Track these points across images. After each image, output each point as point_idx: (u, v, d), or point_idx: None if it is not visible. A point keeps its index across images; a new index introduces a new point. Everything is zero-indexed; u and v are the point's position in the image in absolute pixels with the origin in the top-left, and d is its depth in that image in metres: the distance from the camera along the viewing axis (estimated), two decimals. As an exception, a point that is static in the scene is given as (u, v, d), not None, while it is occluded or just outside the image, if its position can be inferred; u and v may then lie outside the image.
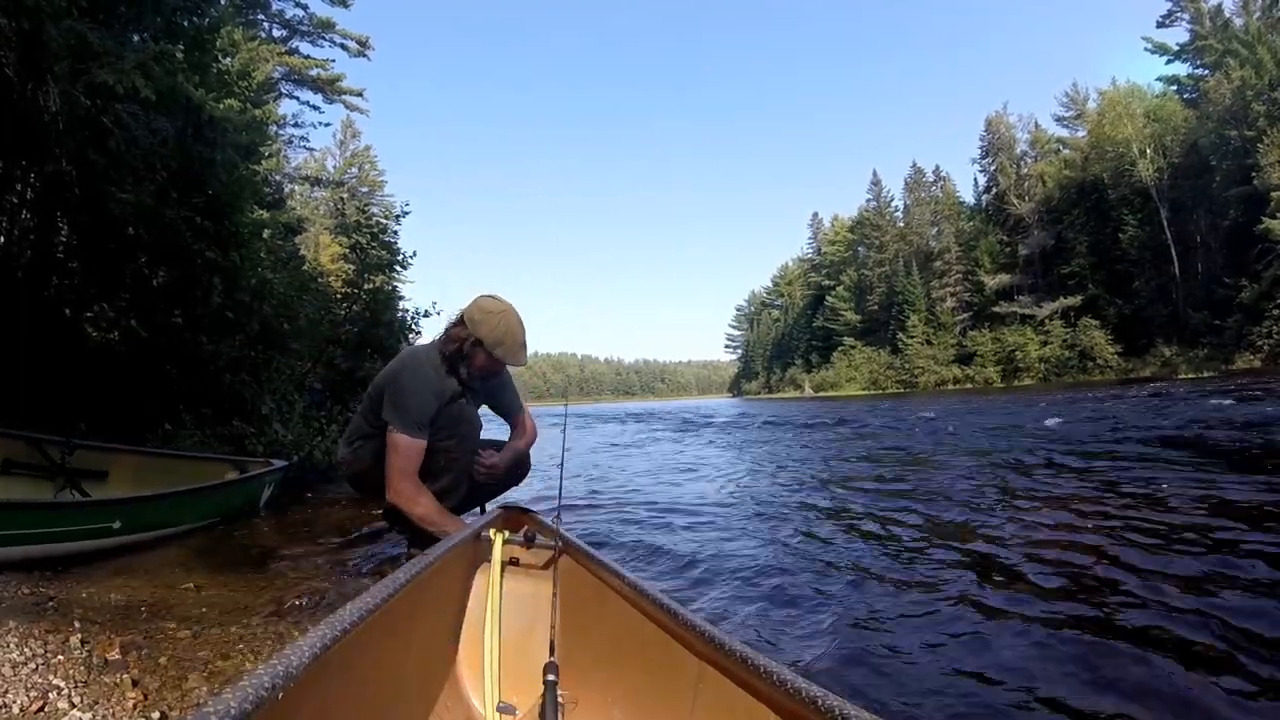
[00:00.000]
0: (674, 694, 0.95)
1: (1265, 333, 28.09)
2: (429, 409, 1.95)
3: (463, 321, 2.06)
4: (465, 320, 2.05)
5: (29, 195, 4.05)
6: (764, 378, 76.78)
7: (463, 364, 2.05)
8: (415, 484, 1.92)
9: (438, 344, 2.11)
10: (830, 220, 68.71)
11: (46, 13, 3.28)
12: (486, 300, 2.10)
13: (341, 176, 33.18)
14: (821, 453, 6.66)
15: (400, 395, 1.93)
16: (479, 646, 1.28)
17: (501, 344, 2.02)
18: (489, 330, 2.01)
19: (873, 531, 2.77)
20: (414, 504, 1.90)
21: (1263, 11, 32.50)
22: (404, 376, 1.99)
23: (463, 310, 2.09)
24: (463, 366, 2.05)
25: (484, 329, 2.01)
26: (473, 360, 2.04)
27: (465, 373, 2.06)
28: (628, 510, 3.61)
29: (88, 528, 2.39)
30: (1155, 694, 1.23)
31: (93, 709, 1.22)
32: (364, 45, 22.80)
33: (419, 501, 1.91)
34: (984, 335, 45.31)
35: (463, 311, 2.09)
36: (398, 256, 8.62)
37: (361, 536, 2.88)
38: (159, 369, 4.39)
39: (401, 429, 1.90)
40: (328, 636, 0.65)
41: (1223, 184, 32.26)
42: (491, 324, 2.01)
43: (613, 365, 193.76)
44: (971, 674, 1.37)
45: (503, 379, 2.33)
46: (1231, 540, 2.14)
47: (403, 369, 2.02)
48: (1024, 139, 47.54)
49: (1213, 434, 5.45)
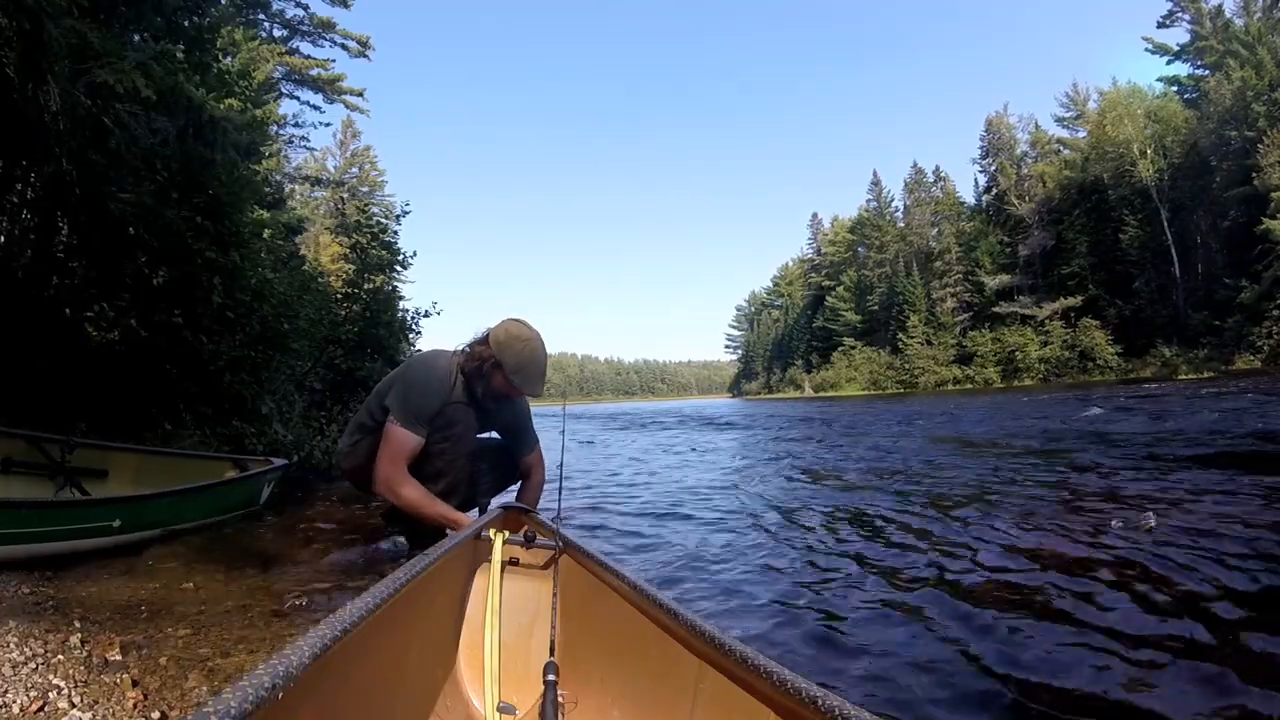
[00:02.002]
0: (674, 694, 0.95)
1: (1265, 333, 28.09)
2: (430, 408, 1.96)
3: (487, 341, 2.07)
4: (490, 341, 2.06)
5: (29, 195, 4.05)
6: (764, 378, 76.77)
7: (480, 383, 2.06)
8: (402, 472, 1.93)
9: (460, 355, 2.12)
10: (830, 220, 68.83)
11: (47, 12, 3.28)
12: (514, 325, 2.09)
13: (341, 176, 33.18)
14: (823, 452, 6.67)
15: (407, 388, 1.96)
16: (479, 646, 1.28)
17: (521, 371, 2.04)
18: (512, 355, 2.02)
19: (883, 532, 2.77)
20: (399, 491, 1.91)
21: (1263, 12, 32.50)
22: (416, 371, 2.03)
23: (490, 329, 2.10)
24: (479, 385, 2.07)
25: (507, 353, 2.02)
26: (491, 381, 2.06)
27: (481, 391, 2.07)
28: (628, 510, 3.61)
29: (87, 526, 2.39)
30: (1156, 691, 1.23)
31: (93, 709, 1.22)
32: (364, 45, 22.83)
33: (404, 488, 1.92)
34: (984, 336, 45.30)
35: (490, 330, 2.09)
36: (398, 256, 8.63)
37: (361, 536, 2.87)
38: (159, 368, 4.39)
39: (400, 421, 1.91)
40: (328, 636, 0.65)
41: (1223, 184, 32.27)
42: (515, 349, 2.03)
43: (613, 365, 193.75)
44: (970, 673, 1.37)
45: (520, 410, 2.33)
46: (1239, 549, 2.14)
47: (419, 364, 2.06)
48: (1024, 139, 47.64)
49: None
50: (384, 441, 1.92)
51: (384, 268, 8.33)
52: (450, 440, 2.03)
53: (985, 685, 1.32)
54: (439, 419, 1.98)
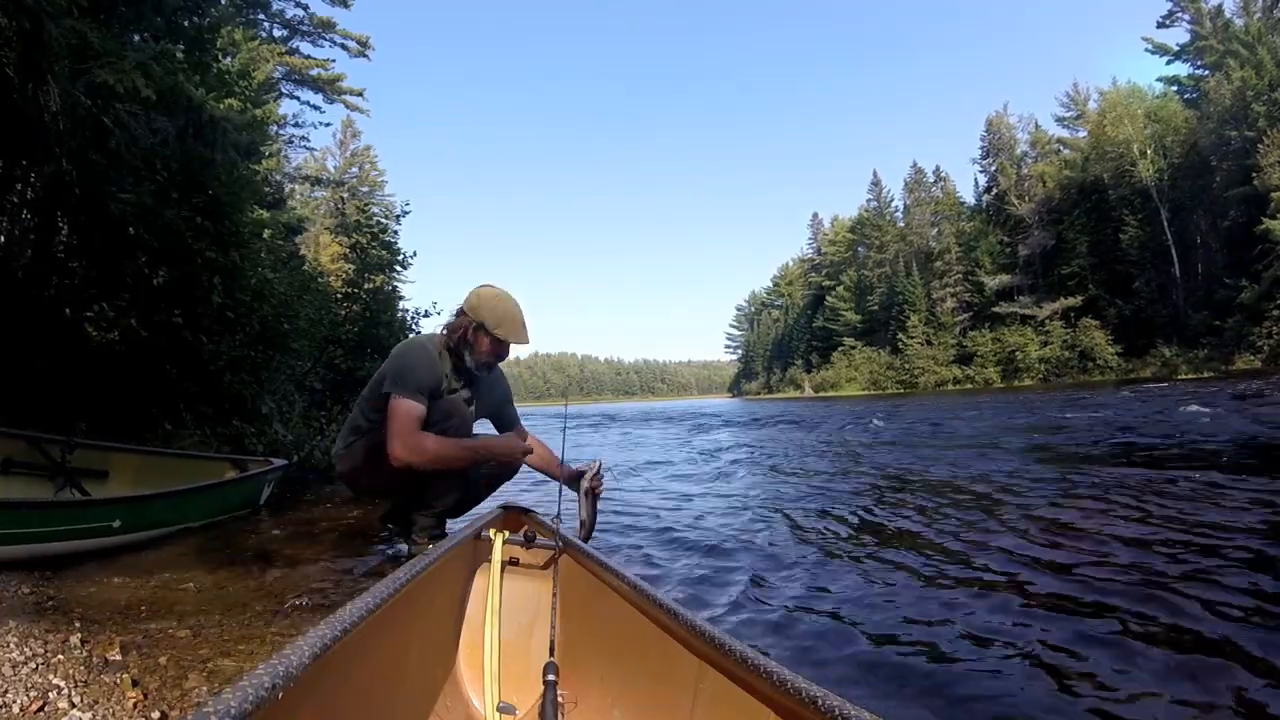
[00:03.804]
0: (674, 694, 0.95)
1: (1265, 333, 28.06)
2: (428, 382, 1.99)
3: (463, 311, 2.11)
4: (466, 309, 2.11)
5: (29, 195, 4.05)
6: (764, 378, 76.76)
7: (467, 351, 2.10)
8: (417, 434, 1.91)
9: (440, 336, 2.15)
10: (830, 220, 68.77)
11: (47, 12, 3.28)
12: (483, 289, 2.15)
13: (341, 176, 33.15)
14: (826, 451, 6.67)
15: (402, 368, 1.98)
16: (479, 646, 1.28)
17: (503, 324, 2.08)
18: (490, 312, 2.07)
19: (891, 532, 2.77)
20: (423, 448, 1.90)
21: (1263, 12, 32.49)
22: (406, 352, 2.05)
23: (461, 303, 2.15)
24: (467, 353, 2.10)
25: (485, 311, 2.07)
26: (477, 345, 2.10)
27: (470, 360, 2.11)
28: (629, 510, 3.61)
29: (88, 527, 2.39)
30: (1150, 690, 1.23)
31: (93, 709, 1.22)
32: (364, 45, 22.82)
33: (426, 443, 1.91)
34: (984, 336, 45.28)
35: (462, 303, 2.14)
36: (398, 256, 8.62)
37: (361, 536, 2.88)
38: (159, 369, 4.39)
39: (402, 394, 1.92)
40: (328, 636, 0.65)
41: (1223, 184, 32.26)
42: (491, 305, 2.09)
43: (613, 365, 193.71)
44: (970, 673, 1.37)
45: (505, 389, 2.39)
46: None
47: (406, 348, 2.09)
48: (1024, 139, 47.57)
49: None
50: (391, 416, 1.91)
51: (384, 268, 8.32)
52: (449, 431, 2.02)
53: (994, 686, 1.32)
54: (433, 412, 1.98)
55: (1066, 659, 1.40)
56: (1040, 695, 1.26)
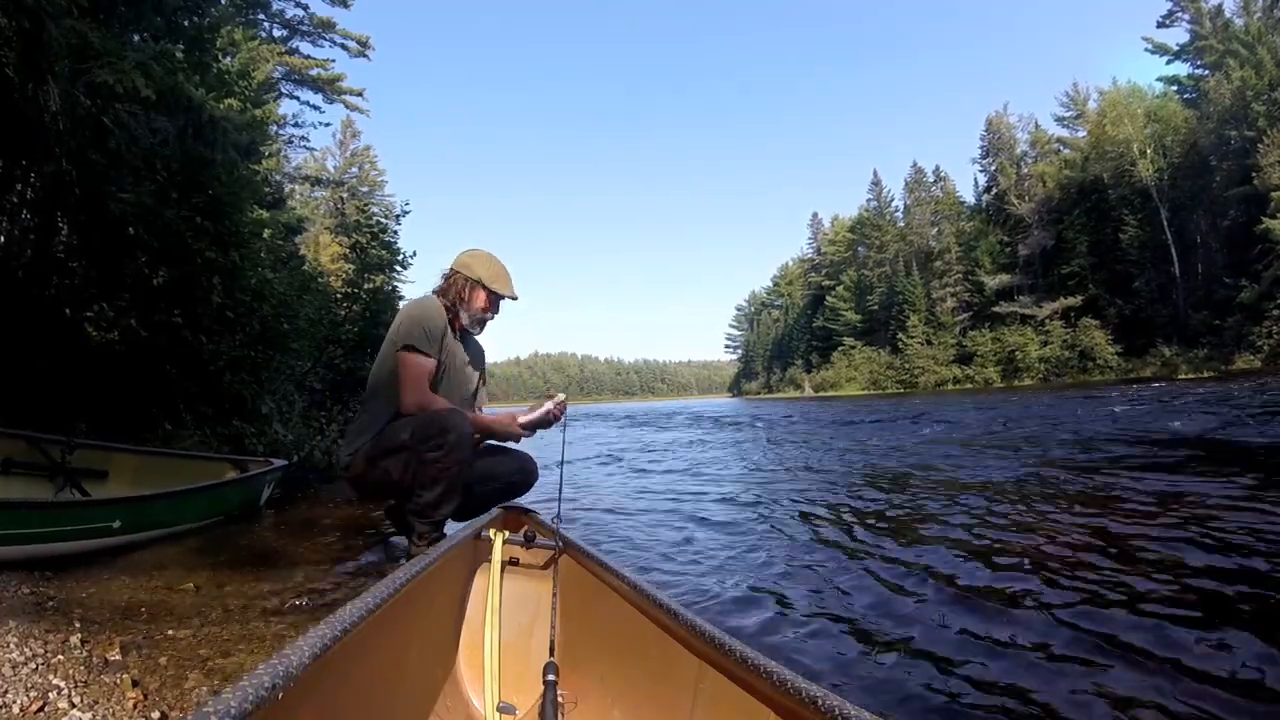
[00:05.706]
0: (674, 693, 0.95)
1: (1265, 333, 28.05)
2: (438, 329, 2.05)
3: (455, 271, 2.19)
4: (457, 269, 2.19)
5: (29, 195, 4.04)
6: (764, 378, 76.75)
7: (463, 308, 2.17)
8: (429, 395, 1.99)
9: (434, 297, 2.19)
10: (830, 220, 68.73)
11: (47, 12, 3.28)
12: (467, 252, 2.23)
13: (341, 176, 33.10)
14: (825, 451, 6.66)
15: (410, 319, 2.04)
16: (479, 646, 1.28)
17: (497, 278, 2.18)
18: (483, 267, 2.17)
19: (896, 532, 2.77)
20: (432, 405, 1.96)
21: (1263, 12, 32.48)
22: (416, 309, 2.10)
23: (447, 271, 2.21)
24: (463, 310, 2.17)
25: (479, 268, 2.16)
26: (473, 300, 2.17)
27: (466, 316, 2.18)
28: (629, 509, 3.61)
29: (88, 527, 2.39)
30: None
31: (93, 709, 1.22)
32: (364, 45, 22.80)
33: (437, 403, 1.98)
34: (984, 335, 45.25)
35: (452, 264, 2.21)
36: (398, 256, 8.62)
37: (361, 536, 2.88)
38: (159, 369, 4.39)
39: (413, 350, 1.99)
40: (328, 636, 0.65)
41: (1223, 184, 32.25)
42: (482, 261, 2.18)
43: (613, 365, 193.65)
44: (969, 674, 1.37)
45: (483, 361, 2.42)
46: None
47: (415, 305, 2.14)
48: (1024, 139, 47.54)
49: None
50: (403, 370, 1.98)
51: (384, 267, 8.33)
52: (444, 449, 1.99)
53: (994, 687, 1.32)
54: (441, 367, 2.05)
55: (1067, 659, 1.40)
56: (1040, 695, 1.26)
